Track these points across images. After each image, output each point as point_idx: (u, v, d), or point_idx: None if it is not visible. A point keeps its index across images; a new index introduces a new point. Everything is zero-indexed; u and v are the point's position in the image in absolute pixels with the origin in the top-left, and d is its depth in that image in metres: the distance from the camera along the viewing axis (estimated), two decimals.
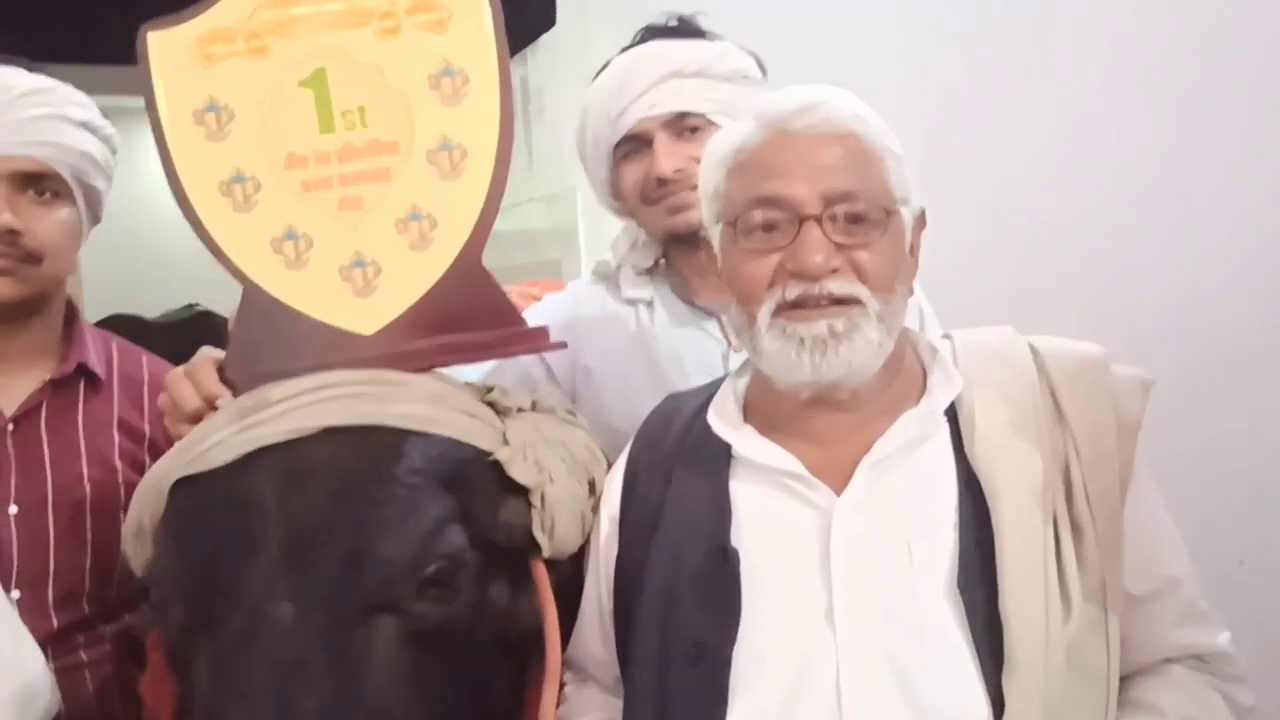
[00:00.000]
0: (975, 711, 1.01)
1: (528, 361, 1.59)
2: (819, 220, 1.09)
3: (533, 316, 1.52)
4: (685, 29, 1.64)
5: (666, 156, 1.53)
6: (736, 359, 1.46)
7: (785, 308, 1.10)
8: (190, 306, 5.24)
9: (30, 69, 1.51)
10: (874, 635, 1.05)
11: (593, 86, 1.62)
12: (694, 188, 1.48)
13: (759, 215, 1.11)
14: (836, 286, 1.08)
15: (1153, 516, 1.15)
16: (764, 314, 1.11)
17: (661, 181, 1.54)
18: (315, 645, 1.03)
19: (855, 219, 1.10)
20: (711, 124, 1.53)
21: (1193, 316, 1.90)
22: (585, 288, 1.73)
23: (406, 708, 1.06)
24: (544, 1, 4.80)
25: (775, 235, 1.11)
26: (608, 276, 1.70)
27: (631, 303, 1.63)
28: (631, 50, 1.62)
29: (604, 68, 1.64)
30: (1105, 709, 1.06)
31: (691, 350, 1.57)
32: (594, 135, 1.62)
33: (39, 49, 1.57)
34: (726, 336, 1.58)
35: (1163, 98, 1.94)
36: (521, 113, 5.31)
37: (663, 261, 1.67)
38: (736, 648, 1.07)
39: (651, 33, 1.65)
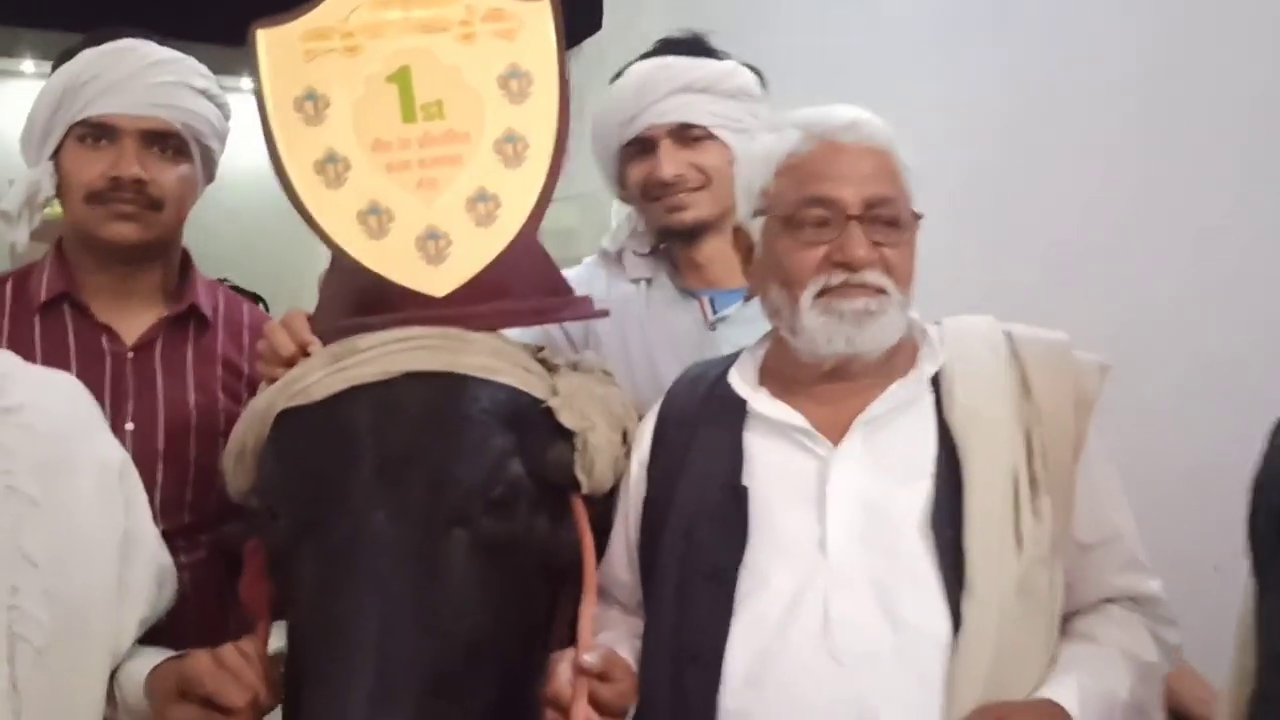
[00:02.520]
0: (940, 627, 1.23)
1: (552, 330, 1.81)
2: (861, 220, 1.31)
3: (583, 273, 1.76)
4: (697, 46, 1.85)
5: (669, 162, 1.76)
6: (710, 336, 1.69)
7: (828, 291, 1.31)
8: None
9: (161, 42, 1.72)
10: (858, 562, 1.26)
11: (611, 88, 1.84)
12: (692, 190, 1.73)
13: (812, 212, 1.33)
14: (873, 278, 1.30)
15: (1102, 479, 1.37)
16: (808, 296, 1.32)
17: (663, 184, 1.76)
18: (404, 549, 1.24)
19: (890, 222, 1.32)
20: (712, 136, 1.75)
21: (1187, 330, 2.12)
22: (592, 268, 1.95)
23: (472, 607, 1.27)
24: (591, 6, 4.97)
25: (823, 231, 1.32)
26: (610, 259, 1.92)
27: (635, 281, 1.84)
28: (648, 60, 1.83)
29: (621, 72, 1.85)
30: (1048, 633, 1.28)
31: (681, 325, 1.79)
32: (607, 133, 1.84)
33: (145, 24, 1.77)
34: (706, 316, 1.80)
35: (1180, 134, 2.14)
36: None
37: (661, 246, 1.90)
38: (742, 568, 1.29)
39: (667, 46, 1.86)
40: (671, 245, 1.86)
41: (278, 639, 1.35)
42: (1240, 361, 2.00)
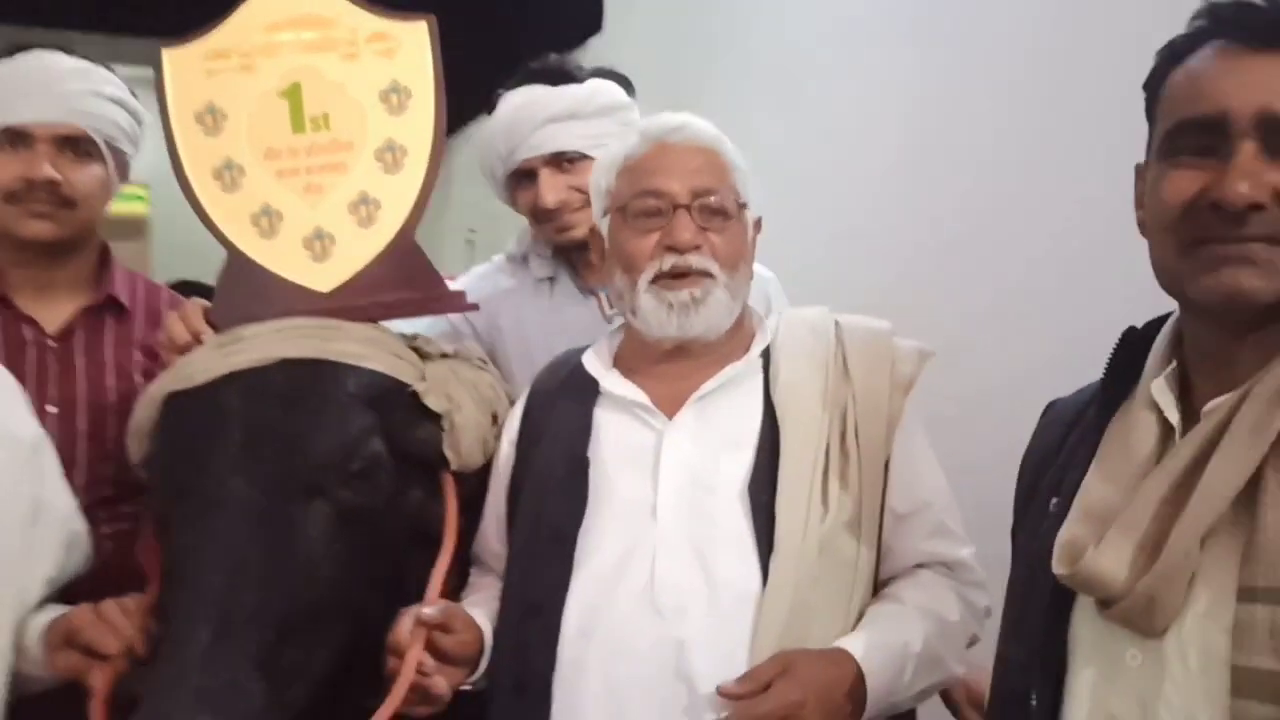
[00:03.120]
0: (751, 584, 1.35)
1: (456, 321, 1.94)
2: (688, 208, 1.44)
3: (459, 285, 1.88)
4: (559, 74, 1.96)
5: (549, 190, 1.88)
6: (608, 329, 1.82)
7: (661, 276, 1.45)
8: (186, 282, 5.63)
9: (69, 52, 1.88)
10: (683, 525, 1.39)
11: (488, 122, 1.97)
12: (575, 210, 1.86)
13: (643, 203, 1.46)
14: (697, 260, 1.43)
15: (916, 455, 1.49)
16: (644, 280, 1.45)
17: (547, 210, 1.89)
18: (256, 513, 1.38)
19: (713, 211, 1.46)
20: (586, 156, 1.86)
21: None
22: (499, 266, 2.08)
23: (322, 567, 1.41)
24: (591, 6, 5.11)
25: (655, 220, 1.46)
26: (515, 259, 2.05)
27: (540, 280, 1.98)
28: (516, 93, 1.94)
29: (495, 107, 1.98)
30: (851, 590, 1.40)
31: (580, 319, 1.92)
32: (491, 166, 1.97)
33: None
34: (603, 311, 1.93)
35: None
36: None
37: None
38: (582, 532, 1.42)
39: (531, 75, 1.97)
40: (568, 251, 1.99)
41: None
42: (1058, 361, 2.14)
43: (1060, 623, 1.05)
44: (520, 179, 1.94)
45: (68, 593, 1.56)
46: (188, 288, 2.30)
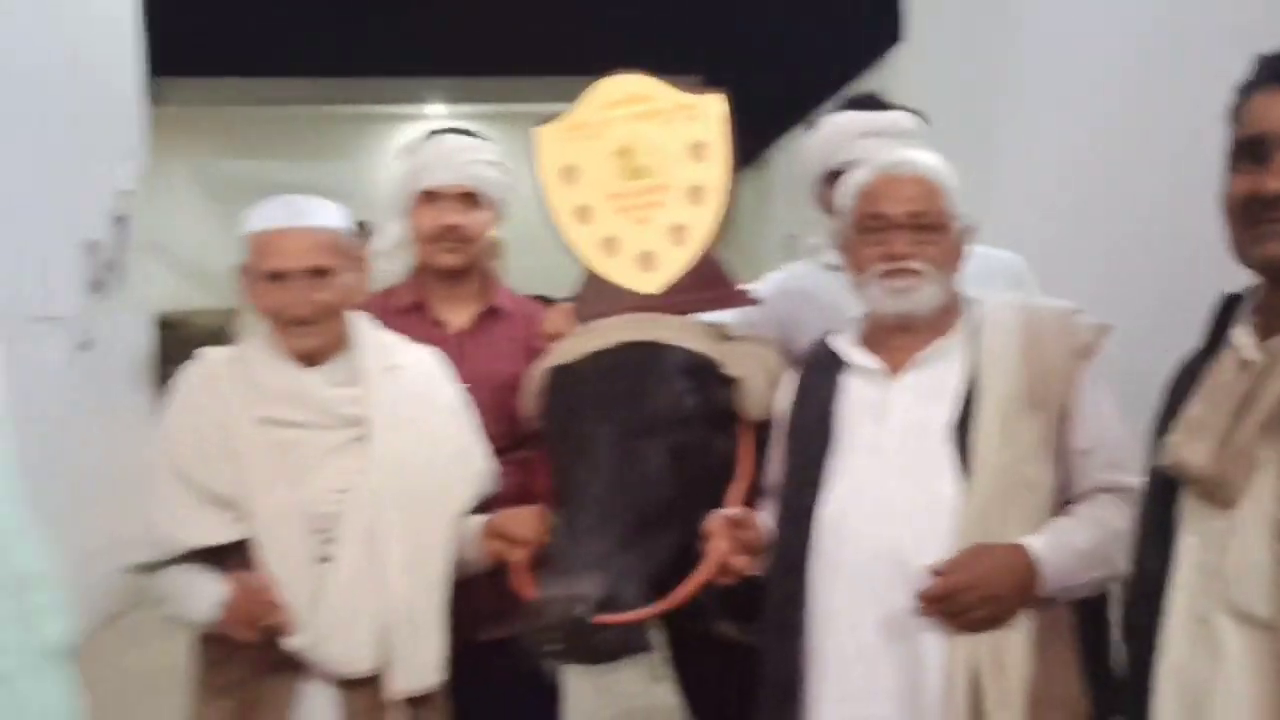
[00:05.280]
0: (953, 498, 1.87)
1: (758, 316, 2.53)
2: (904, 228, 1.98)
3: (773, 279, 2.52)
4: (873, 102, 2.53)
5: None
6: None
7: (883, 274, 1.99)
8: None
9: (464, 133, 2.63)
10: (903, 456, 1.93)
11: (804, 141, 2.54)
12: None
13: (870, 223, 2.01)
14: (911, 265, 1.95)
15: (1095, 404, 1.95)
16: (871, 277, 1.99)
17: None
18: (618, 447, 2.05)
19: (924, 227, 1.98)
20: None
21: None
22: (810, 267, 2.64)
23: (659, 484, 2.05)
24: (892, 20, 5.63)
25: (878, 235, 2.00)
26: (814, 258, 2.61)
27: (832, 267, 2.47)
28: (838, 115, 2.50)
29: (816, 123, 2.54)
30: (1032, 506, 1.88)
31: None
32: (809, 172, 2.52)
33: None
34: None
35: None
36: None
37: None
38: (830, 462, 1.98)
39: (851, 104, 2.55)
40: None
41: None
42: None
43: (1169, 505, 1.52)
44: (831, 180, 2.39)
45: (481, 508, 2.28)
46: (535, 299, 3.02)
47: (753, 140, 9.00)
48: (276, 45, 11.21)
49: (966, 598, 1.79)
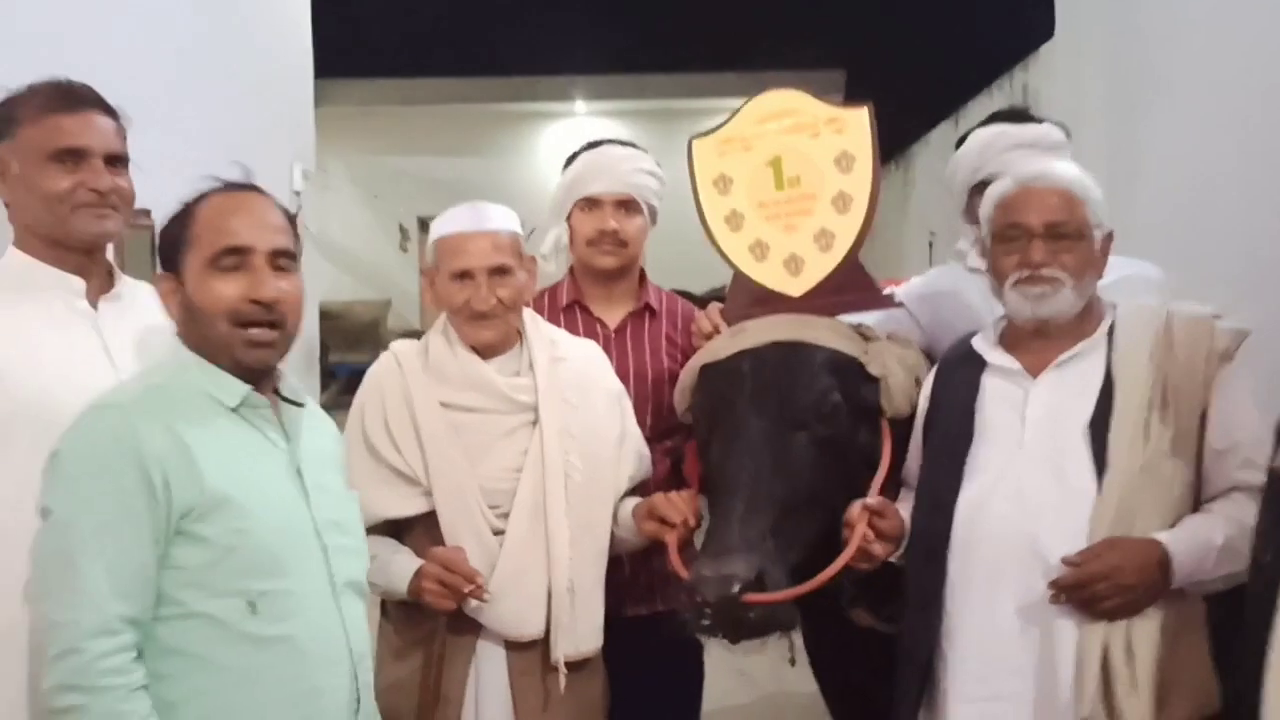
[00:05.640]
0: (1090, 491, 1.97)
1: (900, 317, 2.66)
2: (1042, 237, 2.09)
3: (921, 280, 2.64)
4: (1024, 116, 2.63)
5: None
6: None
7: (1020, 282, 2.10)
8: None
9: (623, 144, 2.81)
10: (1042, 451, 2.04)
11: (957, 154, 2.64)
12: None
13: (1008, 232, 2.12)
14: (1048, 273, 2.05)
15: (1234, 406, 2.02)
16: (1010, 283, 2.11)
17: None
18: (767, 438, 2.21)
19: (1062, 237, 2.08)
20: None
21: None
22: (954, 269, 2.75)
23: (805, 473, 2.20)
24: (1044, 16, 5.59)
25: (1016, 244, 2.10)
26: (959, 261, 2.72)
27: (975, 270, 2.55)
28: (988, 128, 2.61)
29: (964, 138, 2.65)
30: (1168, 501, 1.97)
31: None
32: (957, 181, 2.63)
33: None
34: None
35: None
36: None
37: None
38: (969, 456, 2.10)
39: (998, 117, 2.65)
40: None
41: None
42: None
43: None
44: (979, 192, 2.37)
45: (636, 490, 2.45)
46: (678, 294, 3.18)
47: (896, 137, 9.02)
48: (429, 47, 11.66)
49: (1099, 587, 1.90)
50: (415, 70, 11.91)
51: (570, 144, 3.01)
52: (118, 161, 2.07)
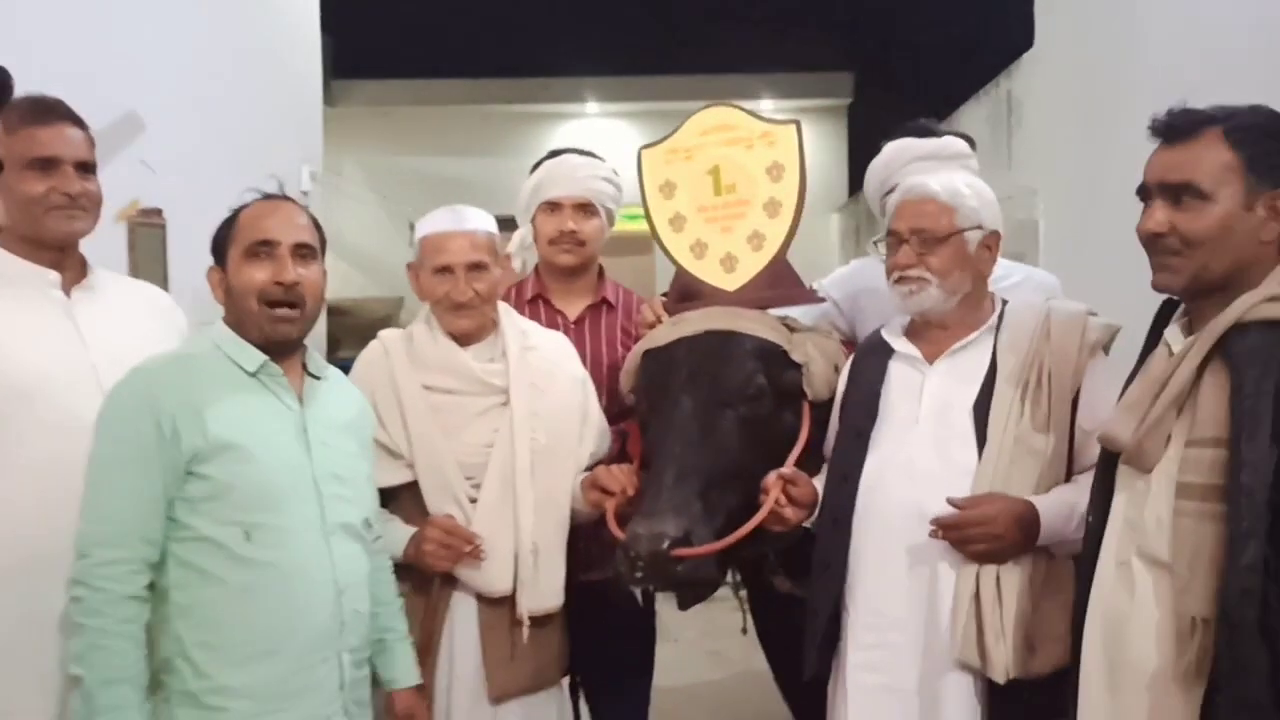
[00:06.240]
0: (969, 463, 2.24)
1: (828, 310, 2.93)
2: (908, 242, 2.35)
3: (841, 273, 2.94)
4: (925, 130, 2.90)
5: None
6: None
7: (894, 281, 2.37)
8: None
9: (582, 153, 3.08)
10: (932, 429, 2.31)
11: (874, 162, 2.92)
12: None
13: (890, 238, 2.40)
14: (914, 273, 2.33)
15: (1099, 391, 2.27)
16: (890, 282, 2.38)
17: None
18: (698, 416, 2.48)
19: (928, 241, 2.33)
20: None
21: None
22: (869, 262, 3.00)
23: (730, 449, 2.48)
24: (1024, 25, 5.79)
25: (895, 248, 2.38)
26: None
27: None
28: (894, 142, 2.89)
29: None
30: (1039, 471, 2.23)
31: None
32: (874, 188, 2.92)
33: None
34: None
35: None
36: (1004, 122, 6.49)
37: None
38: (873, 432, 2.37)
39: (905, 130, 2.91)
40: None
41: None
42: None
43: (1109, 472, 1.89)
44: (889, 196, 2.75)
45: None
46: None
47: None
48: (442, 49, 11.96)
49: (973, 531, 2.15)
50: (428, 71, 12.21)
51: (582, 145, 3.30)
52: (87, 168, 2.33)
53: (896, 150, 2.85)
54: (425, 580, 2.51)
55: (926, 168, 2.72)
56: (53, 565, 2.04)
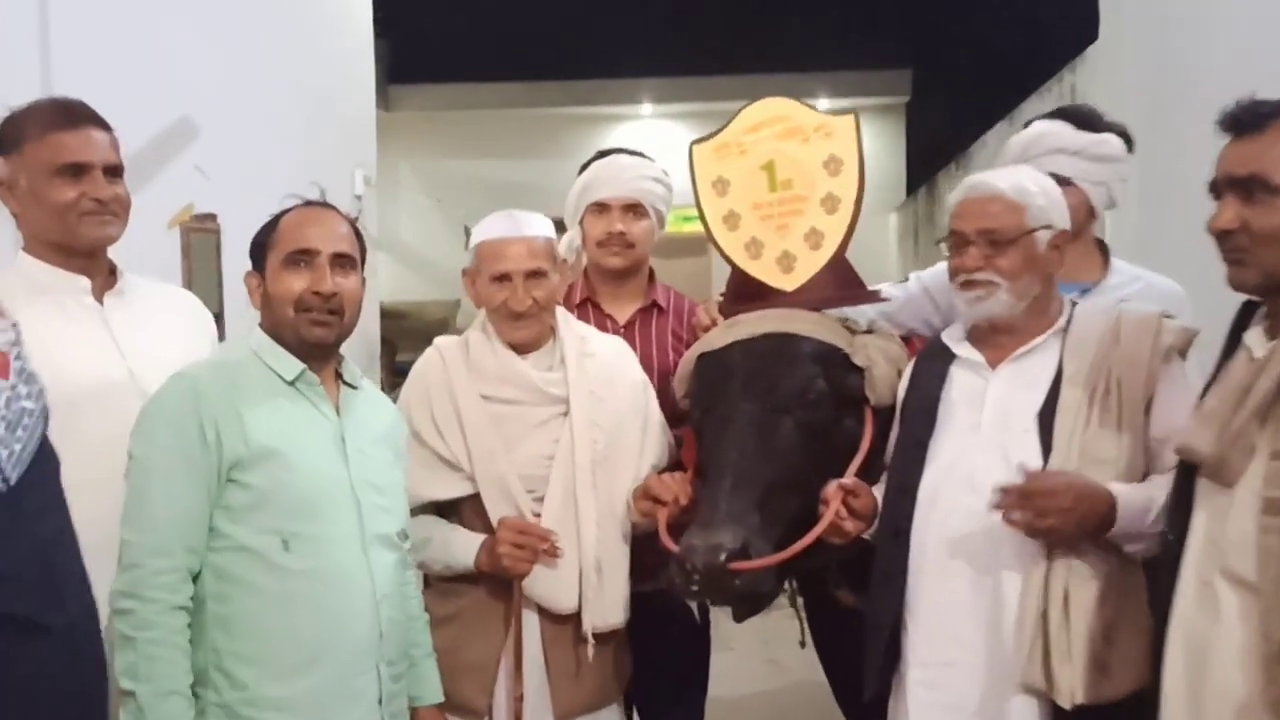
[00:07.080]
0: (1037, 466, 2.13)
1: (921, 302, 2.79)
2: (976, 243, 2.23)
3: (918, 277, 2.79)
4: (1084, 120, 2.68)
5: None
6: None
7: (959, 285, 2.25)
8: None
9: (631, 153, 3.00)
10: (995, 436, 2.19)
11: (1014, 139, 2.72)
12: None
13: (952, 239, 2.28)
14: (982, 276, 2.21)
15: (1174, 399, 2.13)
16: (954, 286, 2.27)
17: None
18: (755, 423, 2.39)
19: (996, 242, 2.21)
20: (1071, 183, 2.52)
21: None
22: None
23: (789, 456, 2.38)
24: (1088, 20, 5.64)
25: (958, 249, 2.26)
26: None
27: None
28: (1039, 124, 2.70)
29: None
30: (1105, 481, 2.08)
31: None
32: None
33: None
34: None
35: None
36: None
37: None
38: (932, 440, 2.26)
39: (1059, 115, 2.72)
40: None
41: None
42: None
43: (1187, 486, 1.77)
44: None
45: None
46: None
47: (957, 139, 9.08)
48: (496, 53, 11.95)
49: (1044, 502, 2.00)
50: (482, 75, 12.21)
51: (638, 146, 3.23)
52: (115, 172, 2.27)
53: (1041, 134, 2.66)
54: (500, 590, 2.46)
55: (1061, 164, 2.56)
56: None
